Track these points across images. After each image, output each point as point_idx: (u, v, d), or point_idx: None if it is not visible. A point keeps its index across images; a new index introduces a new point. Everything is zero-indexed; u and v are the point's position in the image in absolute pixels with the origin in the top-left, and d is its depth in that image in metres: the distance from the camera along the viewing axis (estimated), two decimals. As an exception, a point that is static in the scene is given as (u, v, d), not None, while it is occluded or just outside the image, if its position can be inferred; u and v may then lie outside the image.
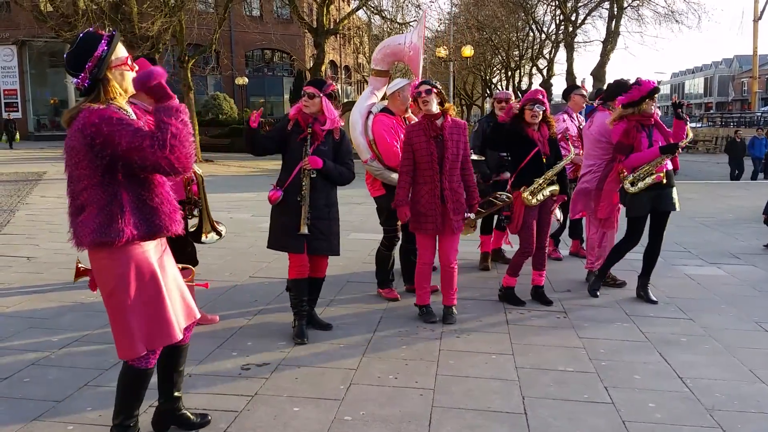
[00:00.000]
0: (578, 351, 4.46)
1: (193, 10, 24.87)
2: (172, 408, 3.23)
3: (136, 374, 2.89)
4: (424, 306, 5.11)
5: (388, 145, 5.41)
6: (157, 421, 3.24)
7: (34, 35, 32.24)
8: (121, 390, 2.94)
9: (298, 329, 4.61)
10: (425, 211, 4.88)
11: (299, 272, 4.61)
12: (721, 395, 3.76)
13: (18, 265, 6.86)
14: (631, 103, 5.36)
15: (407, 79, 5.69)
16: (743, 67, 75.27)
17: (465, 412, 3.52)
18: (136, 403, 2.96)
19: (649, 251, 5.76)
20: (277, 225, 4.59)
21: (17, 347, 4.42)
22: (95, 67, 2.68)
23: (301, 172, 4.49)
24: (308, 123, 4.51)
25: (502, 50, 42.05)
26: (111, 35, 2.74)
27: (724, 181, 18.08)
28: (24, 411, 3.44)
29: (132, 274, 2.75)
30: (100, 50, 2.68)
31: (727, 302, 5.69)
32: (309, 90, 4.53)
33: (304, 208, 4.47)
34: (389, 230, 5.66)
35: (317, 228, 4.52)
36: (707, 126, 46.70)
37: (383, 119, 5.49)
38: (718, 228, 9.61)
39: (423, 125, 4.89)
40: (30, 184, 15.12)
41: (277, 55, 43.19)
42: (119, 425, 2.95)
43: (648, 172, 5.40)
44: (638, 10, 30.56)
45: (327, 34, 21.70)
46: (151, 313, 2.80)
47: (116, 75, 2.76)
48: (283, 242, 4.56)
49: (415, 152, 4.87)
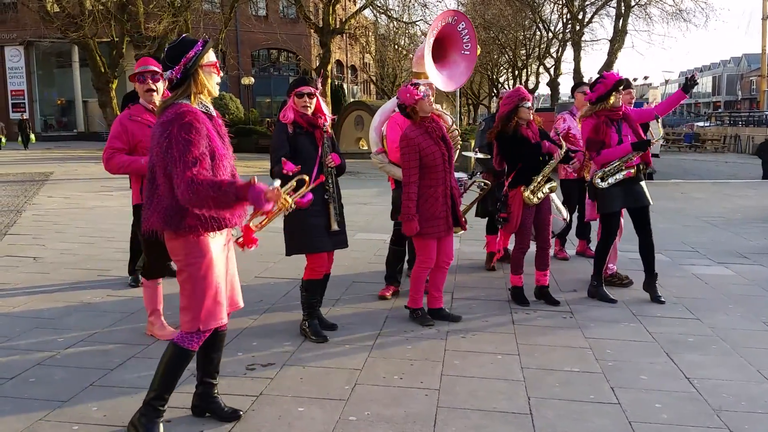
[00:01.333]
0: (584, 351, 4.44)
1: (199, 9, 24.95)
2: (206, 393, 3.41)
3: (180, 354, 3.13)
4: (418, 309, 5.07)
5: (391, 141, 5.52)
6: (196, 405, 3.42)
7: (41, 36, 32.39)
8: (162, 368, 3.15)
9: (313, 329, 4.62)
10: (439, 214, 4.82)
11: (317, 273, 4.64)
12: (729, 396, 3.74)
13: (24, 266, 6.88)
14: (598, 98, 5.40)
15: (426, 80, 5.77)
16: (752, 66, 74.88)
17: (470, 412, 3.50)
18: (171, 383, 3.16)
19: (643, 248, 5.73)
20: (306, 228, 4.51)
21: (23, 347, 4.42)
22: (189, 62, 2.99)
23: (324, 171, 4.52)
24: (315, 123, 4.51)
25: (509, 49, 42.00)
26: (206, 41, 3.09)
27: (731, 181, 17.99)
28: (29, 411, 3.44)
29: (196, 258, 3.03)
30: (195, 50, 3.02)
31: (735, 302, 5.66)
32: (308, 90, 4.48)
33: (332, 205, 4.56)
34: (398, 224, 5.65)
35: (340, 222, 4.63)
36: (715, 125, 46.54)
37: (395, 117, 5.56)
38: (726, 227, 9.56)
39: (426, 128, 4.80)
40: (37, 184, 15.16)
41: (283, 54, 43.24)
42: (148, 403, 3.14)
43: (618, 168, 5.45)
44: (646, 9, 30.53)
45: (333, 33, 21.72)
46: (209, 293, 3.07)
47: (205, 74, 3.06)
48: (316, 244, 4.55)
49: (423, 157, 4.73)
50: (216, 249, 3.11)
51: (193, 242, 3.02)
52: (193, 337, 3.13)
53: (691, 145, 36.81)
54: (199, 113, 2.99)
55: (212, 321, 3.12)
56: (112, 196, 12.74)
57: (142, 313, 5.13)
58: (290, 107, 4.51)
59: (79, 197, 12.71)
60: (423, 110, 4.80)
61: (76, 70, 39.00)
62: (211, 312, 3.10)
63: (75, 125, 40.92)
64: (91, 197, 12.81)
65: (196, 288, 3.06)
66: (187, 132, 2.89)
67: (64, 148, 29.12)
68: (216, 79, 3.12)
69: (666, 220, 10.19)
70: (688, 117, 72.62)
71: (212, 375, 3.42)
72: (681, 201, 12.87)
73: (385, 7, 25.52)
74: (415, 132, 4.78)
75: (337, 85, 40.70)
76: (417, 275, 5.03)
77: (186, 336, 3.13)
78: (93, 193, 13.42)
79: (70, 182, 15.66)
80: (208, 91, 3.09)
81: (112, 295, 5.75)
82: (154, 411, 3.13)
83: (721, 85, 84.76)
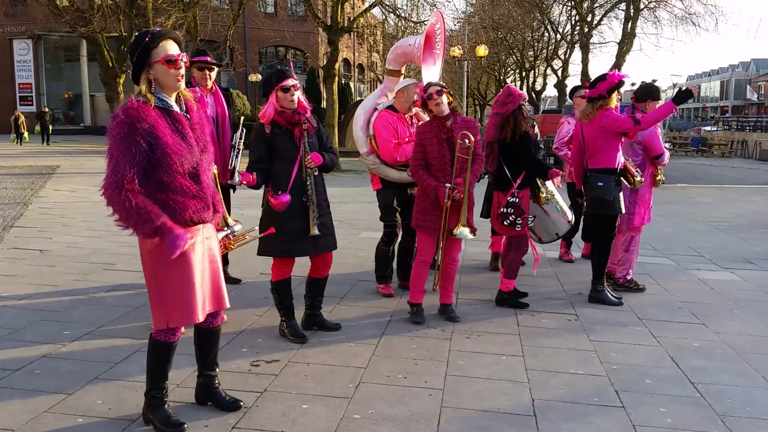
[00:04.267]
0: (589, 354, 4.44)
1: (207, 6, 24.96)
2: (207, 384, 3.46)
3: (157, 347, 3.19)
4: (417, 304, 5.08)
5: (384, 141, 5.43)
6: (198, 395, 3.50)
7: (50, 29, 32.51)
8: (148, 361, 3.24)
9: (291, 329, 4.55)
10: (433, 210, 4.88)
11: (283, 273, 4.50)
12: (734, 401, 3.73)
13: (31, 258, 6.91)
14: (599, 96, 5.41)
15: (413, 79, 5.73)
16: (760, 71, 74.62)
17: (474, 413, 3.50)
18: (160, 375, 3.22)
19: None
20: (283, 231, 4.30)
21: (29, 339, 4.44)
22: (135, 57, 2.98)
23: (303, 172, 4.32)
24: (294, 120, 4.26)
25: (517, 50, 41.91)
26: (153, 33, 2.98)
27: (738, 186, 17.93)
28: (35, 403, 3.46)
29: (160, 254, 2.98)
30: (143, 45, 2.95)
31: (741, 308, 5.64)
32: (292, 81, 4.22)
33: (311, 208, 4.33)
34: (388, 225, 5.66)
35: (323, 225, 4.40)
36: (723, 129, 46.37)
37: (385, 116, 5.52)
38: (732, 232, 9.53)
39: (434, 128, 4.86)
40: (44, 177, 15.22)
41: (291, 52, 43.26)
42: (146, 393, 3.25)
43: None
44: (655, 12, 30.41)
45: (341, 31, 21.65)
46: (176, 292, 3.06)
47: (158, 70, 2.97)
48: (290, 248, 4.35)
49: (426, 153, 4.86)
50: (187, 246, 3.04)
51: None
52: (167, 333, 3.16)
53: (698, 150, 36.68)
54: (145, 110, 2.90)
55: (181, 318, 3.11)
56: (119, 191, 12.74)
57: (148, 307, 5.10)
58: (271, 104, 4.25)
59: (86, 191, 12.75)
60: (435, 110, 4.86)
61: (84, 65, 39.14)
62: (177, 310, 3.08)
63: (82, 119, 41.05)
64: (98, 191, 12.84)
65: (160, 285, 3.07)
66: (117, 132, 2.87)
67: (72, 141, 29.21)
68: (172, 74, 2.96)
69: (672, 225, 10.17)
70: (695, 121, 72.38)
71: (211, 367, 3.47)
72: (687, 205, 12.84)
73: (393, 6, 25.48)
74: (425, 128, 4.93)
75: (345, 83, 40.69)
76: (414, 271, 5.10)
77: (159, 332, 3.16)
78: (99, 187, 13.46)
79: (77, 176, 15.71)
80: (165, 87, 3.00)
81: (118, 288, 5.77)
82: (155, 400, 3.22)
83: (730, 89, 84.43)
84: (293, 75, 4.30)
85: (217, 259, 3.29)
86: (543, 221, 5.93)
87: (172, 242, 2.90)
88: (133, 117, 2.87)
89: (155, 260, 3.03)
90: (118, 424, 3.26)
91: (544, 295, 5.89)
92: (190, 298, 3.08)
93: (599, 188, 5.46)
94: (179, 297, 3.06)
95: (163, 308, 3.09)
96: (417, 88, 5.30)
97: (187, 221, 3.03)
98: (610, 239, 5.63)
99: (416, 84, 5.48)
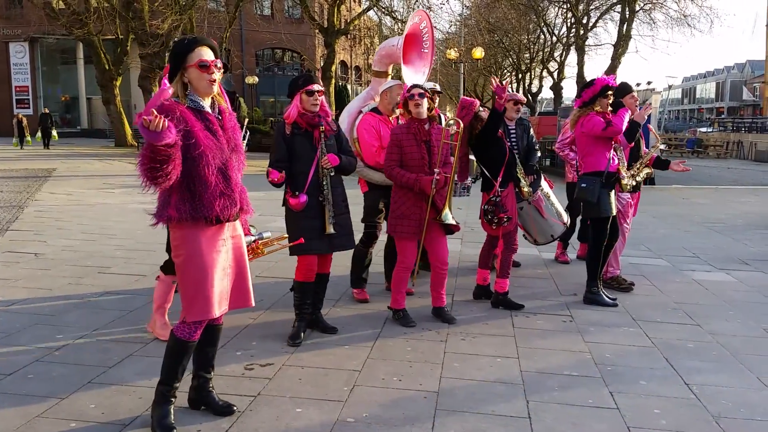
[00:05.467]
0: (584, 355, 4.44)
1: (203, 8, 24.96)
2: (201, 387, 3.46)
3: (178, 344, 3.23)
4: (400, 310, 5.06)
5: (367, 145, 5.41)
6: (192, 398, 3.48)
7: (46, 32, 32.45)
8: (165, 357, 3.28)
9: (296, 331, 4.59)
10: (409, 214, 4.86)
11: (308, 275, 4.60)
12: (728, 402, 3.73)
13: (25, 262, 6.89)
14: (583, 103, 5.49)
15: (398, 81, 5.70)
16: (755, 72, 74.76)
17: (468, 415, 3.49)
18: (176, 372, 3.26)
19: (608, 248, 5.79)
20: (300, 229, 4.48)
21: (22, 343, 4.42)
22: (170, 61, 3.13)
23: (320, 172, 4.46)
24: (314, 122, 4.43)
25: (513, 52, 41.99)
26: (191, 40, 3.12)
27: (733, 186, 17.97)
28: (27, 408, 3.44)
29: (181, 249, 3.11)
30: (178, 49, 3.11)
31: (736, 309, 5.65)
32: (317, 87, 4.41)
33: (327, 208, 4.47)
34: (369, 226, 5.66)
35: (339, 224, 4.54)
36: (718, 131, 46.46)
37: (368, 119, 5.49)
38: (728, 233, 9.55)
39: (413, 129, 4.85)
40: (39, 180, 15.19)
41: (288, 54, 43.29)
42: (157, 389, 3.28)
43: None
44: (650, 14, 30.55)
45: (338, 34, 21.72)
46: (194, 286, 3.12)
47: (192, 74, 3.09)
48: (307, 245, 4.48)
49: (404, 155, 4.83)
50: (205, 242, 3.12)
51: (179, 233, 3.11)
52: (186, 328, 3.20)
53: (694, 151, 36.74)
54: (179, 109, 2.99)
55: (197, 313, 3.15)
56: (114, 194, 12.76)
57: (142, 311, 5.14)
58: (295, 106, 4.44)
59: (82, 194, 12.73)
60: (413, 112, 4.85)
61: (81, 67, 39.12)
62: (195, 304, 3.13)
63: (79, 122, 41.01)
64: (93, 194, 12.83)
65: (182, 279, 3.15)
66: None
67: (68, 144, 29.15)
68: (205, 78, 3.08)
69: (667, 225, 10.19)
70: (691, 122, 72.53)
71: (206, 369, 3.47)
72: (683, 206, 12.86)
73: (389, 8, 25.50)
74: (402, 130, 4.90)
75: (341, 85, 40.70)
76: (396, 276, 5.06)
77: (180, 326, 3.21)
78: (95, 190, 13.44)
79: (73, 179, 15.68)
80: (198, 89, 3.10)
81: (112, 292, 5.75)
82: (163, 396, 3.25)
83: (725, 90, 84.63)
84: (320, 82, 4.51)
85: (244, 256, 3.36)
86: (539, 223, 5.94)
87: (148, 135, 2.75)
88: (167, 108, 2.95)
89: (178, 254, 3.14)
90: (111, 428, 3.25)
91: (540, 297, 5.88)
92: (207, 294, 3.13)
93: (582, 189, 5.52)
94: (197, 291, 3.12)
95: (185, 302, 3.16)
96: (401, 90, 5.32)
97: (215, 218, 3.10)
98: (601, 241, 5.63)
99: (400, 85, 5.48)
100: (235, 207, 3.19)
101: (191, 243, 3.11)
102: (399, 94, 5.34)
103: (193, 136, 2.99)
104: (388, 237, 5.72)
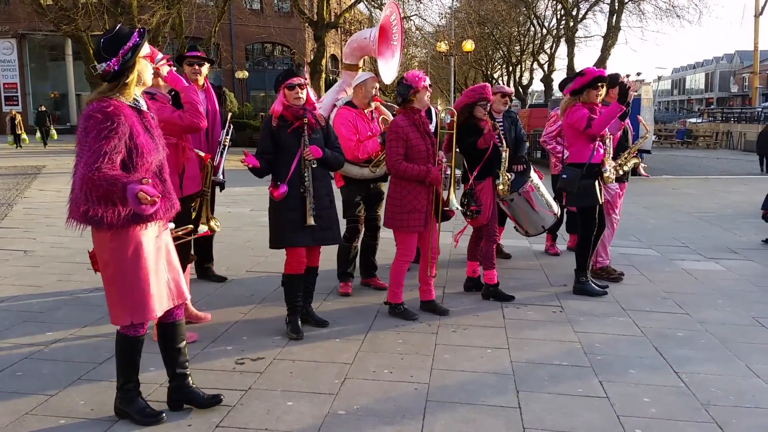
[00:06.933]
0: (574, 345, 4.45)
1: (192, 2, 24.81)
2: (180, 385, 3.39)
3: (125, 342, 3.22)
4: (400, 304, 5.06)
5: (344, 140, 5.27)
6: (172, 399, 3.41)
7: (34, 28, 32.16)
8: (117, 356, 3.27)
9: (293, 325, 4.59)
10: (420, 208, 4.85)
11: (297, 268, 4.58)
12: (717, 390, 3.75)
13: (14, 259, 6.85)
14: (572, 92, 5.49)
15: (370, 73, 5.63)
16: (744, 63, 75.00)
17: (459, 406, 3.50)
18: (131, 368, 3.25)
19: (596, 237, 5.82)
20: (282, 221, 4.48)
21: (11, 340, 4.41)
22: (128, 53, 2.99)
23: (302, 164, 4.45)
24: (298, 114, 4.44)
25: (503, 45, 41.92)
26: (142, 31, 3.08)
27: (723, 177, 18.05)
28: (16, 404, 3.43)
29: (120, 251, 3.05)
30: (134, 41, 3.01)
31: (725, 297, 5.68)
32: (299, 80, 4.43)
33: (308, 199, 4.45)
34: (351, 221, 5.61)
35: (322, 217, 4.50)
36: (707, 121, 46.61)
37: (343, 112, 5.43)
38: (717, 223, 9.59)
39: (415, 121, 4.85)
40: (29, 177, 15.11)
41: (278, 48, 43.11)
42: (120, 388, 3.28)
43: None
44: (639, 5, 30.58)
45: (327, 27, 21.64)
46: (134, 288, 3.08)
47: (142, 65, 3.08)
48: (290, 238, 4.49)
49: (409, 148, 4.80)
50: (146, 244, 3.10)
51: (117, 236, 3.04)
52: (132, 327, 3.18)
53: (684, 141, 36.85)
54: (124, 109, 2.97)
55: (141, 314, 3.12)
56: (104, 190, 12.66)
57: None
58: (279, 101, 4.48)
59: (71, 191, 12.65)
60: (420, 101, 4.86)
61: (70, 64, 38.82)
62: (138, 306, 3.09)
63: (68, 119, 40.71)
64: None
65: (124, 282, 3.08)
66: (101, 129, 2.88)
67: (57, 141, 28.96)
68: (150, 70, 3.16)
69: (657, 216, 10.23)
70: (680, 113, 72.74)
71: (183, 365, 3.40)
72: (672, 196, 12.91)
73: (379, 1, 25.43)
74: (405, 122, 4.85)
75: (332, 79, 40.60)
76: (397, 269, 5.03)
77: (125, 327, 3.18)
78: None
79: (63, 176, 15.58)
80: (143, 82, 3.13)
81: (102, 289, 5.69)
82: (129, 393, 3.26)
83: (714, 81, 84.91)
84: (302, 75, 4.52)
85: (172, 253, 3.33)
86: (529, 215, 5.95)
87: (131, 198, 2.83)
88: (113, 114, 2.92)
89: (111, 258, 3.08)
90: (101, 424, 3.24)
91: (530, 288, 5.90)
92: (146, 295, 3.09)
93: (562, 180, 5.57)
94: (136, 293, 3.08)
95: (123, 305, 3.11)
96: (375, 82, 5.36)
97: (157, 220, 3.12)
98: (590, 231, 5.65)
99: (374, 78, 5.45)
100: (174, 209, 3.21)
101: (132, 246, 3.05)
102: (374, 87, 5.35)
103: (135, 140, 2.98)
104: (365, 232, 5.69)
